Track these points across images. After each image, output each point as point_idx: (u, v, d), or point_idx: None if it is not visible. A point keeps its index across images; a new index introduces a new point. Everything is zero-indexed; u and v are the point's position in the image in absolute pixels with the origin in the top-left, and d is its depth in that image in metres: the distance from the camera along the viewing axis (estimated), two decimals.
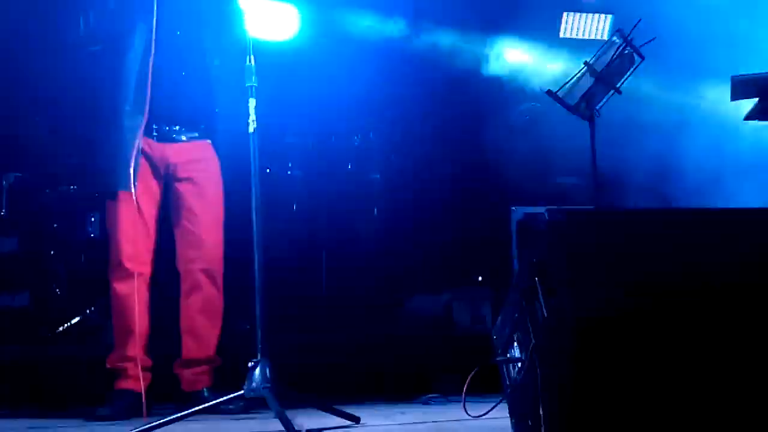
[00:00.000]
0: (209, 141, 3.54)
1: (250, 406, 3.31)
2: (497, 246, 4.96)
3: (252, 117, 2.82)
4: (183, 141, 3.49)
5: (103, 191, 3.48)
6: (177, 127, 3.47)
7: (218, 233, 3.54)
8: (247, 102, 2.89)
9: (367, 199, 5.16)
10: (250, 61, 2.85)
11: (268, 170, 4.88)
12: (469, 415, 2.38)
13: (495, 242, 5.03)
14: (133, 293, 3.39)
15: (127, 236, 3.42)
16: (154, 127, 3.43)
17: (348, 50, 4.99)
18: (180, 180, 3.50)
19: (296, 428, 2.40)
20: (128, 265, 3.42)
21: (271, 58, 3.20)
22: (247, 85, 2.84)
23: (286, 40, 4.98)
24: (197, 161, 3.52)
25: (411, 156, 5.44)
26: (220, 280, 3.54)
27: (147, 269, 3.47)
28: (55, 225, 4.86)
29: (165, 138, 3.46)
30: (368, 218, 5.11)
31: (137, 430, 2.67)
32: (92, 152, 3.45)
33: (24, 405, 4.38)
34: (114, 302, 3.49)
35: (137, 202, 3.39)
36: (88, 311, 4.77)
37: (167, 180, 3.50)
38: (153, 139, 3.44)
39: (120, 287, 3.44)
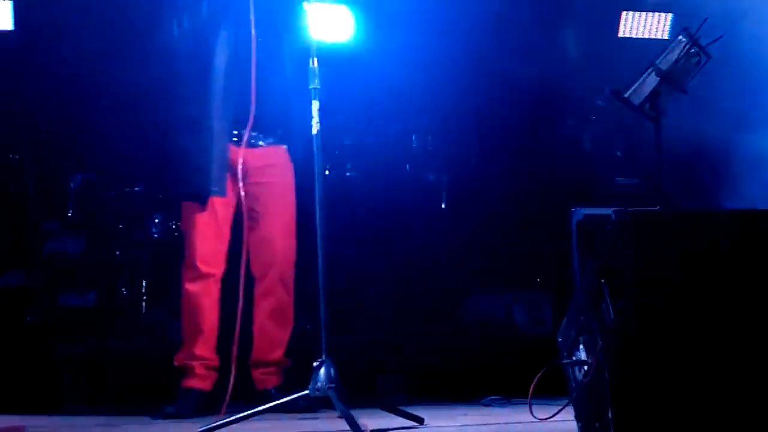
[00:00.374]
0: (285, 146, 3.58)
1: (315, 404, 3.35)
2: (556, 247, 4.92)
3: (315, 119, 2.84)
4: (261, 146, 3.54)
5: (195, 195, 3.51)
6: (255, 133, 3.50)
7: (291, 238, 3.59)
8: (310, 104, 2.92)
9: (426, 200, 5.15)
10: (312, 64, 2.87)
11: (327, 172, 4.91)
12: (536, 418, 2.36)
13: (554, 243, 4.99)
14: (204, 293, 3.48)
15: (202, 238, 3.48)
16: (233, 133, 3.48)
17: (404, 51, 4.98)
18: (256, 185, 3.54)
19: (361, 428, 2.40)
20: (201, 265, 3.48)
21: (327, 60, 3.22)
22: (310, 87, 2.86)
23: (342, 42, 5.01)
24: (273, 166, 3.57)
25: (469, 157, 5.42)
26: (291, 285, 3.60)
27: (219, 270, 3.51)
28: (120, 226, 4.97)
29: (243, 143, 3.46)
30: (426, 219, 5.10)
31: (205, 427, 2.71)
32: (183, 156, 3.49)
33: (92, 402, 4.49)
34: (184, 301, 3.55)
35: (213, 205, 3.46)
36: (152, 310, 4.88)
37: (243, 184, 3.49)
38: (233, 144, 3.48)
39: (191, 287, 3.50)
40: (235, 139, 3.47)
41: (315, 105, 2.84)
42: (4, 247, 4.79)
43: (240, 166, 3.46)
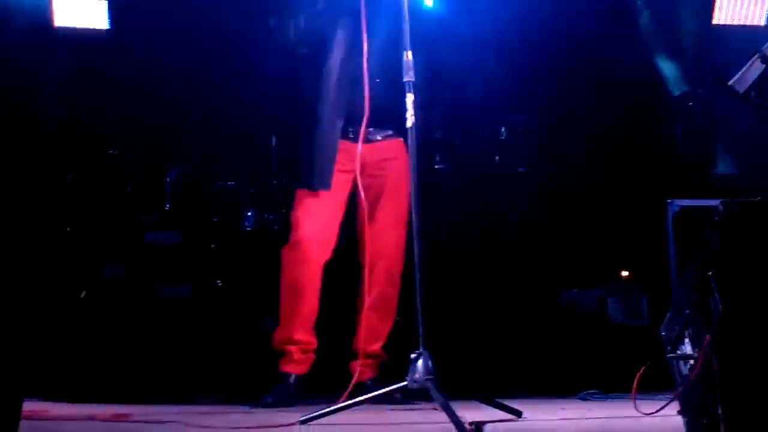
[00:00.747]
0: (401, 140, 3.57)
1: (410, 396, 3.36)
2: (651, 239, 4.82)
3: (410, 112, 2.84)
4: (377, 141, 3.58)
5: (301, 184, 3.58)
6: (371, 129, 3.54)
7: (402, 232, 3.60)
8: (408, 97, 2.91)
9: (516, 193, 5.10)
10: (407, 56, 2.87)
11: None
12: (641, 413, 2.31)
13: (648, 235, 4.89)
14: (305, 277, 3.52)
15: (310, 223, 3.53)
16: (350, 129, 3.52)
17: (493, 41, 4.93)
18: (372, 177, 3.58)
19: (461, 420, 2.40)
20: (305, 249, 3.51)
21: (423, 50, 3.22)
22: (404, 80, 2.86)
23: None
24: (389, 160, 3.60)
25: (559, 148, 5.35)
26: (397, 279, 3.62)
27: (323, 257, 3.54)
28: (214, 219, 5.08)
29: (359, 138, 3.51)
30: (518, 212, 5.04)
31: (305, 417, 2.75)
32: (296, 150, 3.59)
33: (191, 391, 4.59)
34: (284, 284, 3.59)
35: (325, 194, 3.51)
36: (246, 302, 4.96)
37: (358, 176, 3.53)
38: (349, 140, 3.52)
39: (293, 270, 3.54)
40: (351, 136, 3.51)
41: (410, 98, 2.84)
42: (105, 240, 4.94)
43: (357, 161, 3.51)
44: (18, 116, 5.65)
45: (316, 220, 3.52)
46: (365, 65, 3.39)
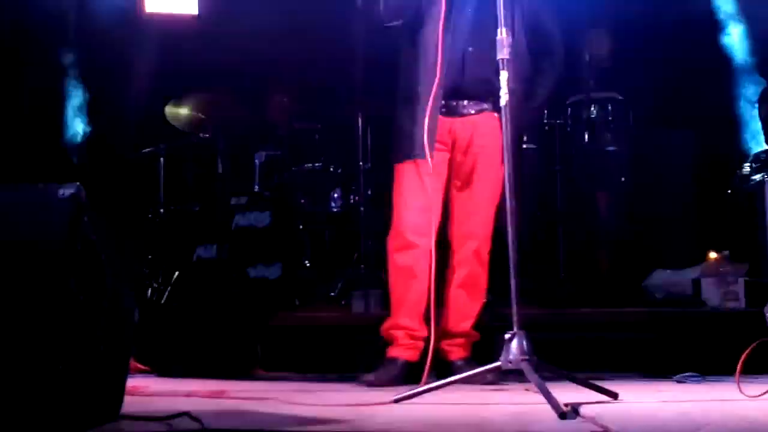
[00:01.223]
0: (497, 115, 3.44)
1: (499, 378, 3.34)
2: (746, 220, 4.69)
3: (504, 90, 2.80)
4: (471, 115, 3.51)
5: (398, 160, 3.54)
6: (465, 102, 3.50)
7: (492, 210, 3.52)
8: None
9: (606, 172, 5.00)
10: (501, 34, 2.83)
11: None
12: (746, 395, 2.25)
13: (743, 216, 4.76)
14: (411, 263, 3.47)
15: (410, 208, 3.48)
16: (442, 102, 3.46)
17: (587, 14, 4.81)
18: (463, 154, 3.52)
19: (558, 402, 2.37)
20: (409, 236, 3.47)
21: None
22: (498, 58, 2.82)
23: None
24: (482, 136, 3.52)
25: (650, 126, 5.22)
26: (486, 257, 3.55)
27: (428, 241, 3.45)
28: (302, 201, 5.13)
29: (452, 112, 3.49)
30: (608, 192, 4.95)
31: (398, 396, 2.76)
32: (393, 122, 3.55)
33: (282, 369, 4.67)
34: (391, 271, 3.56)
35: (422, 175, 3.44)
36: (334, 282, 5.02)
37: (452, 153, 3.53)
38: (441, 114, 3.46)
39: (398, 257, 3.51)
40: (443, 109, 3.46)
41: (504, 75, 2.80)
42: (197, 221, 5.05)
43: (450, 136, 3.49)
44: (108, 102, 5.82)
45: (416, 204, 3.46)
46: (462, 39, 3.35)
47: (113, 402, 2.23)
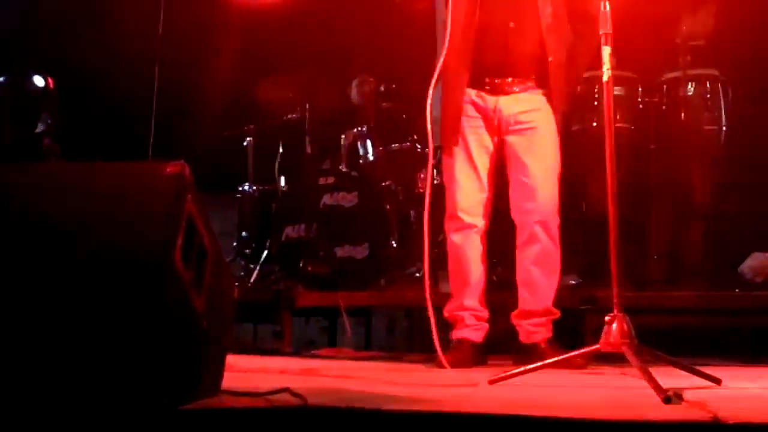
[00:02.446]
0: (542, 91, 3.50)
1: (587, 362, 3.29)
2: None
3: (607, 65, 2.72)
4: (516, 92, 3.48)
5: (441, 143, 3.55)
6: (509, 79, 3.47)
7: (553, 185, 3.50)
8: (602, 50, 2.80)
9: (702, 151, 4.82)
10: (604, 7, 2.75)
11: (594, 124, 4.76)
12: None
13: None
14: (468, 244, 3.49)
15: (461, 189, 3.50)
16: (486, 80, 3.46)
17: None
18: (512, 132, 3.50)
19: (662, 386, 2.30)
20: (462, 216, 3.49)
21: None
22: (601, 32, 2.75)
23: None
24: (528, 112, 3.49)
25: (748, 104, 5.02)
26: (556, 232, 3.51)
27: (481, 221, 3.51)
28: (387, 182, 5.13)
29: (497, 90, 3.48)
30: (703, 171, 4.79)
31: (492, 378, 2.73)
32: (440, 105, 3.51)
33: (367, 348, 4.69)
34: (450, 253, 3.59)
35: (471, 156, 3.46)
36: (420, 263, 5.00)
37: (500, 132, 3.52)
38: (485, 92, 3.46)
39: (455, 238, 3.54)
40: (487, 87, 3.45)
41: (606, 50, 2.72)
42: (286, 201, 5.09)
43: (496, 114, 3.45)
44: (198, 82, 5.90)
45: (467, 185, 3.48)
46: (491, 15, 3.33)
47: (214, 377, 2.26)
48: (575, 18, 3.55)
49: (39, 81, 4.48)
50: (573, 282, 4.56)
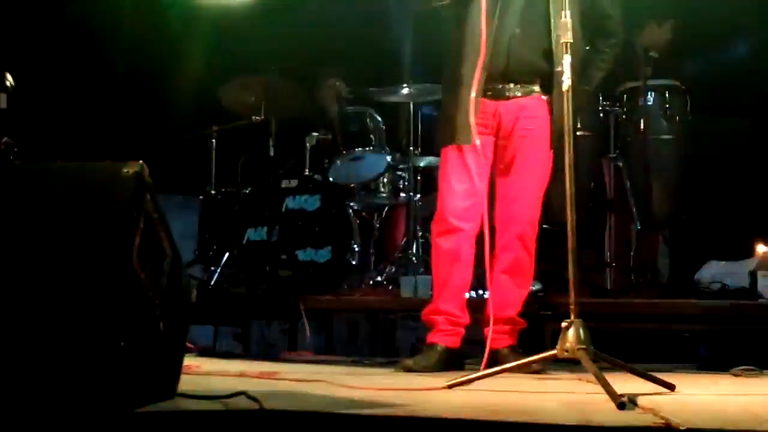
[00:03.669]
0: (545, 98, 3.47)
1: (546, 368, 3.31)
2: None
3: (567, 74, 2.75)
4: (517, 97, 3.46)
5: (443, 144, 3.52)
6: (510, 85, 3.46)
7: (538, 195, 3.50)
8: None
9: (661, 161, 4.89)
10: (565, 17, 2.78)
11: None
12: None
13: None
14: (454, 248, 3.45)
15: (455, 192, 3.46)
16: (488, 85, 3.42)
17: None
18: (508, 138, 3.48)
19: (616, 392, 2.33)
20: (453, 220, 3.45)
21: None
22: (562, 41, 2.77)
23: None
24: (529, 119, 3.47)
25: (707, 114, 5.11)
26: (532, 243, 3.51)
27: (473, 226, 3.45)
28: (351, 185, 5.13)
29: (498, 95, 3.45)
30: (661, 180, 4.85)
31: (451, 382, 2.74)
32: (441, 106, 3.54)
33: (329, 352, 4.68)
34: (433, 256, 3.56)
35: (465, 159, 3.42)
36: (382, 267, 5.02)
37: (497, 137, 3.50)
38: (486, 97, 3.44)
39: (442, 242, 3.49)
40: (489, 93, 3.43)
41: (567, 59, 2.75)
42: (248, 204, 5.07)
43: (495, 120, 3.45)
44: (161, 84, 5.86)
45: (460, 189, 3.43)
46: (509, 20, 3.32)
47: (170, 380, 2.24)
48: (595, 34, 3.56)
49: None
50: (534, 288, 4.59)
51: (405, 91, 5.12)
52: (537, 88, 3.47)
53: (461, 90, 3.39)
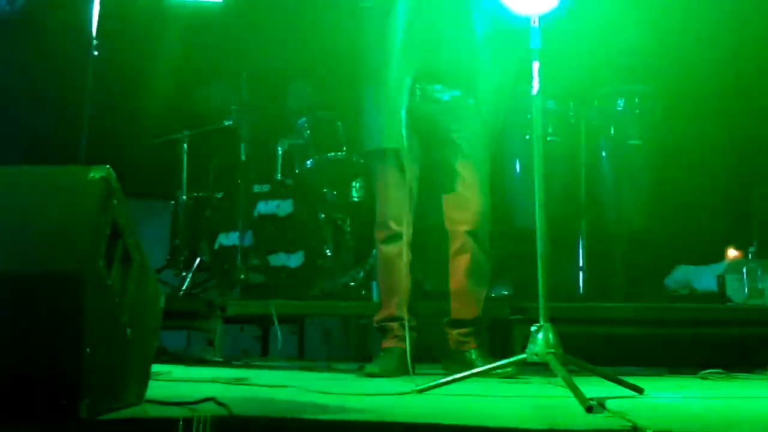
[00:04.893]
0: (472, 101, 3.49)
1: (517, 371, 3.33)
2: None
3: (536, 80, 2.76)
4: (446, 101, 3.48)
5: (373, 149, 3.52)
6: (440, 87, 3.46)
7: (485, 194, 3.51)
8: (524, 64, 2.84)
9: (629, 166, 4.93)
10: (534, 23, 2.79)
11: (527, 137, 4.81)
12: None
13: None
14: (399, 254, 3.46)
15: (391, 198, 3.47)
16: (417, 87, 3.42)
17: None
18: (443, 140, 3.49)
19: (584, 396, 2.34)
20: (394, 226, 3.47)
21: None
22: (531, 47, 2.79)
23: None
24: (459, 120, 3.48)
25: (678, 119, 5.15)
26: (486, 243, 3.53)
27: (408, 230, 3.47)
28: (324, 190, 5.12)
29: (427, 98, 3.46)
30: (632, 185, 4.89)
31: (422, 387, 2.74)
32: (363, 111, 3.51)
33: (300, 357, 4.66)
34: (380, 262, 3.59)
35: (401, 163, 3.41)
36: (354, 272, 5.01)
37: (431, 141, 3.51)
38: (416, 99, 3.43)
39: (386, 248, 3.52)
40: (418, 93, 3.42)
41: (535, 66, 2.77)
42: (220, 209, 5.05)
43: (424, 122, 3.43)
44: (132, 89, 5.83)
45: (398, 193, 3.44)
46: (425, 22, 3.32)
47: (138, 386, 2.23)
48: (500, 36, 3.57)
49: None
50: (505, 293, 4.62)
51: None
52: (464, 89, 3.47)
53: (388, 93, 3.38)
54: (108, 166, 2.01)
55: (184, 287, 4.95)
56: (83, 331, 1.89)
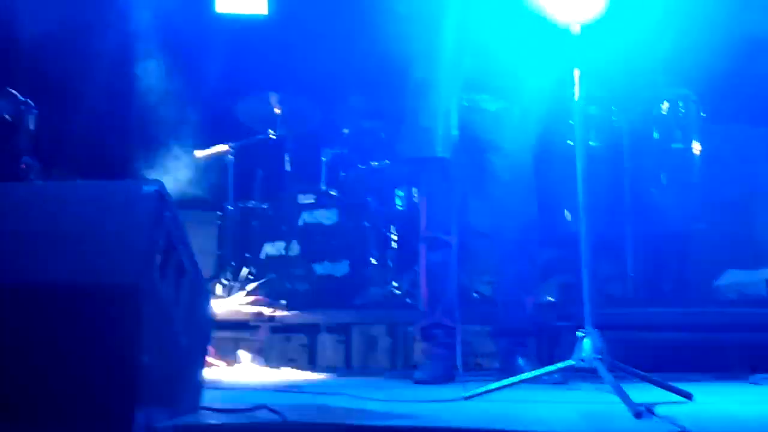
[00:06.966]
0: (516, 109, 3.49)
1: (565, 377, 3.32)
2: None
3: (577, 86, 2.77)
4: (492, 110, 3.48)
5: (420, 157, 3.52)
6: (486, 96, 3.49)
7: (529, 203, 3.52)
8: (566, 72, 2.86)
9: (675, 170, 4.90)
10: (576, 31, 2.81)
11: (570, 142, 4.80)
12: None
13: None
14: (444, 261, 3.50)
15: (438, 206, 3.50)
16: (464, 96, 3.45)
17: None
18: (489, 149, 3.51)
19: (633, 402, 2.35)
20: (439, 234, 3.49)
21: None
22: (573, 54, 2.80)
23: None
24: (505, 130, 3.49)
25: (722, 123, 5.10)
26: (530, 250, 3.53)
27: (455, 238, 3.50)
28: (368, 198, 5.16)
29: (474, 107, 3.48)
30: (678, 190, 4.85)
31: (469, 394, 2.76)
32: (411, 119, 3.53)
33: (348, 365, 4.69)
34: (425, 270, 3.60)
35: (447, 172, 3.44)
36: (399, 280, 5.03)
37: (476, 149, 3.52)
38: (463, 108, 3.44)
39: (430, 255, 3.54)
40: (465, 103, 3.44)
41: (576, 72, 2.78)
42: (267, 218, 5.10)
43: (470, 130, 3.45)
44: (180, 99, 5.93)
45: (442, 202, 3.47)
46: (472, 31, 3.34)
47: (194, 394, 2.28)
48: None
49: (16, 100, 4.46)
50: (552, 299, 4.61)
51: None
52: (511, 99, 3.47)
53: (435, 100, 3.39)
54: (161, 179, 2.07)
55: (231, 297, 5.01)
56: (140, 342, 1.95)
